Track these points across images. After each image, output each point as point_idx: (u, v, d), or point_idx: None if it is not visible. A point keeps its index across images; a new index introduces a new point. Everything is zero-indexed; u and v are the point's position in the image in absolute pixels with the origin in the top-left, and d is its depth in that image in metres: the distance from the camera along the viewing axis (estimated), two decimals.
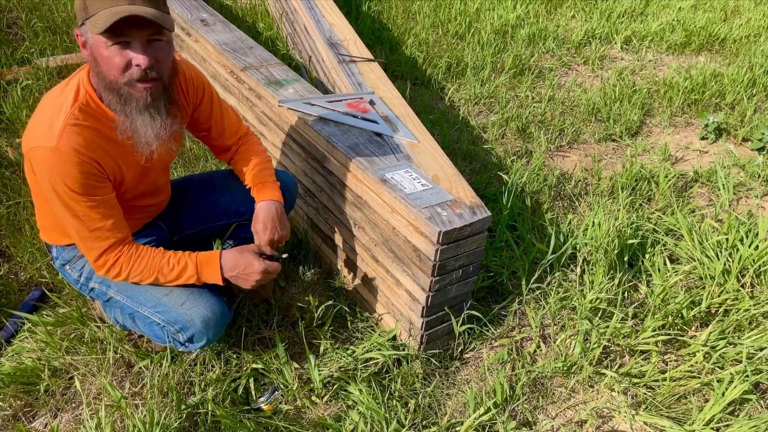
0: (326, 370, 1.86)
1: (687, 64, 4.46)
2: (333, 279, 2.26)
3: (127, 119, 1.51)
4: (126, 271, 1.63)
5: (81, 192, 1.50)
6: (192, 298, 1.68)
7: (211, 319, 1.67)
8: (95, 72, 1.48)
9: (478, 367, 2.02)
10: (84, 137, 1.49)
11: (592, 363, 1.96)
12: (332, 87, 2.84)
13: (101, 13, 1.37)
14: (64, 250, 1.79)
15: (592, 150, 3.34)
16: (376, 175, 1.90)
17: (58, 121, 1.47)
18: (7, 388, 1.76)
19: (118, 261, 1.61)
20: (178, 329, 1.69)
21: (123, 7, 1.37)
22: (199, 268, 1.66)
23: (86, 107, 1.51)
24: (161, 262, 1.64)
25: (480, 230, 1.81)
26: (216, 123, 1.89)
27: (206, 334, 1.69)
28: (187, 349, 1.75)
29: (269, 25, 4.25)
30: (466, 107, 3.63)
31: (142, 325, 1.79)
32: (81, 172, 1.48)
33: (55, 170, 1.46)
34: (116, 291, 1.75)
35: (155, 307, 1.70)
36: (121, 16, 1.35)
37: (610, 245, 2.32)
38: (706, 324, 2.18)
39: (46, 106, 1.52)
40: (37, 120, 1.50)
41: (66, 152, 1.45)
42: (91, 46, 1.44)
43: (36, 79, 3.24)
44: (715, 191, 3.02)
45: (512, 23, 4.76)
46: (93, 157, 1.51)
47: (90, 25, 1.40)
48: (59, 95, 1.53)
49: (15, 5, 4.22)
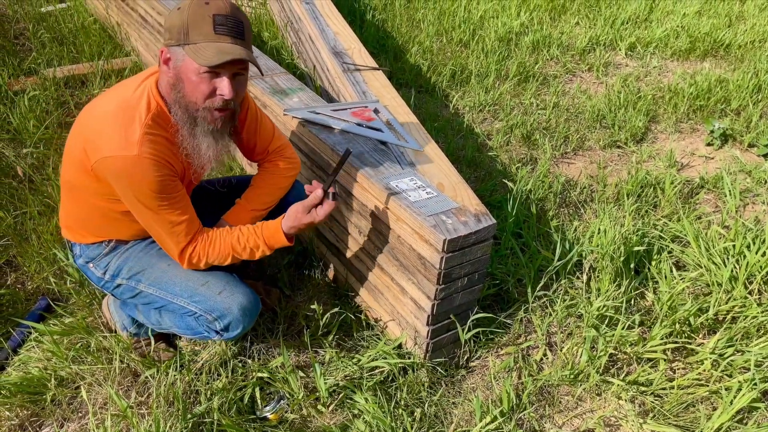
0: (332, 379, 1.86)
1: (692, 70, 4.46)
2: (338, 287, 2.26)
3: (192, 138, 1.62)
4: (205, 256, 1.70)
5: (163, 192, 1.58)
6: (229, 287, 1.73)
7: (248, 306, 1.72)
8: (176, 90, 1.56)
9: (484, 375, 2.01)
10: (158, 143, 1.57)
11: (599, 371, 1.95)
12: (337, 95, 2.85)
13: (205, 46, 1.49)
14: (88, 248, 1.81)
15: (597, 157, 3.33)
16: (381, 184, 1.90)
17: (134, 131, 1.53)
18: (14, 398, 1.77)
19: (195, 249, 1.69)
20: (215, 317, 1.72)
21: (228, 45, 1.50)
22: (265, 233, 1.73)
23: (158, 118, 1.59)
24: (232, 241, 1.71)
25: (485, 238, 1.80)
26: (249, 136, 1.93)
27: (242, 322, 1.72)
28: (222, 337, 1.77)
29: (274, 34, 4.27)
30: (470, 114, 3.64)
31: (171, 319, 1.81)
32: (161, 174, 1.56)
33: (138, 176, 1.53)
34: (148, 284, 1.77)
35: (191, 297, 1.73)
36: (228, 58, 1.48)
37: (616, 252, 2.31)
38: (714, 331, 2.17)
39: (113, 114, 1.56)
40: (105, 128, 1.54)
41: (147, 159, 1.53)
42: (179, 67, 1.53)
43: (43, 90, 3.27)
44: (721, 197, 3.01)
45: (516, 31, 4.77)
46: (167, 158, 1.59)
47: (191, 52, 1.49)
48: (128, 101, 1.58)
49: (23, 16, 4.26)
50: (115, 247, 1.80)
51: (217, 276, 1.76)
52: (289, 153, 2.00)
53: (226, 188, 2.07)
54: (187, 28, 1.49)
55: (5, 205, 2.49)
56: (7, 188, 2.59)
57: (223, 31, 1.50)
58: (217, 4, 1.50)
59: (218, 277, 1.76)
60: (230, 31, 1.51)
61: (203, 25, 1.48)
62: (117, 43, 4.01)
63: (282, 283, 2.23)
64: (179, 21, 1.50)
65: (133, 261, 1.79)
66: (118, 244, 1.80)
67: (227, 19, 1.51)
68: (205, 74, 1.51)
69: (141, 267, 1.78)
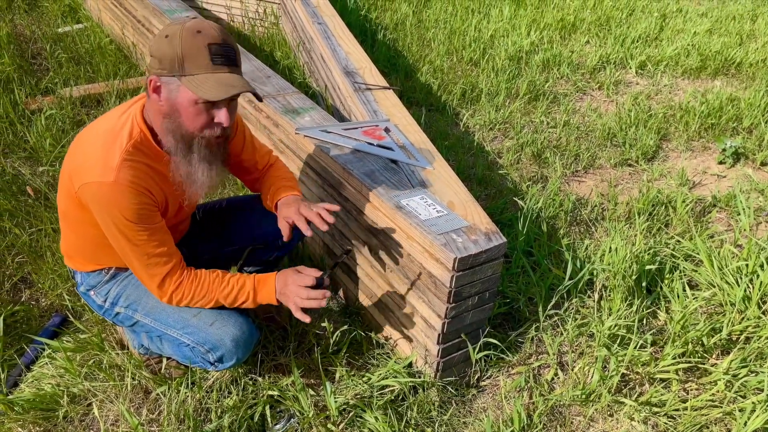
0: (342, 398, 1.86)
1: (703, 89, 4.46)
2: (348, 305, 2.26)
3: (188, 165, 1.59)
4: (189, 295, 1.67)
5: (139, 221, 1.56)
6: (221, 318, 1.71)
7: (240, 338, 1.70)
8: (170, 119, 1.54)
9: (495, 395, 2.00)
10: (138, 170, 1.55)
11: (610, 391, 1.94)
12: (348, 115, 2.87)
13: (204, 79, 1.47)
14: (89, 276, 1.81)
15: (608, 175, 3.33)
16: (392, 202, 1.91)
17: (114, 157, 1.52)
18: (26, 414, 1.78)
19: (180, 286, 1.66)
20: (207, 349, 1.71)
21: (227, 76, 1.49)
22: (257, 286, 1.69)
23: (140, 145, 1.57)
24: (221, 284, 1.68)
25: (496, 256, 1.81)
26: (249, 157, 1.95)
27: (236, 354, 1.71)
28: (216, 368, 1.76)
29: (286, 53, 4.33)
30: (481, 133, 3.65)
31: (169, 347, 1.81)
32: (138, 202, 1.54)
33: (114, 203, 1.52)
34: (143, 314, 1.77)
35: (184, 329, 1.72)
36: (235, 92, 1.47)
37: (628, 271, 2.30)
38: (727, 352, 2.15)
39: (95, 141, 1.56)
40: (87, 155, 1.54)
41: (124, 185, 1.51)
42: (173, 98, 1.50)
43: (59, 109, 3.32)
44: (734, 216, 2.99)
45: (526, 49, 4.80)
46: (146, 187, 1.57)
47: (190, 85, 1.47)
48: (110, 130, 1.57)
49: (40, 37, 4.34)
50: (114, 274, 1.80)
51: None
52: (278, 158, 2.05)
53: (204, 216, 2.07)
54: (182, 60, 1.46)
55: (21, 223, 2.53)
56: (23, 206, 2.63)
57: (219, 62, 1.49)
58: (209, 32, 1.48)
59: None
60: (226, 60, 1.50)
61: (199, 56, 1.46)
62: (132, 63, 4.07)
63: None
64: (171, 51, 1.46)
65: (131, 289, 1.79)
66: (118, 272, 1.80)
67: (222, 48, 1.49)
68: (203, 104, 1.50)
69: (137, 296, 1.78)
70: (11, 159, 3.00)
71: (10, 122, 3.24)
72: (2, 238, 2.43)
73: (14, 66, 3.76)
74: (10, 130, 3.19)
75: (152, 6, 3.88)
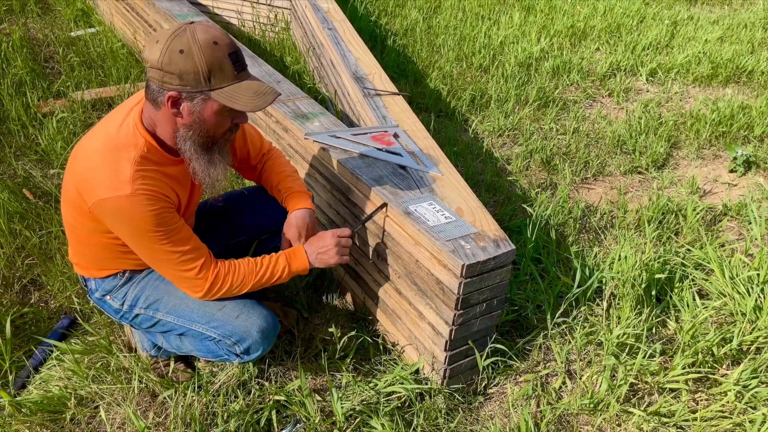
0: (348, 403, 1.85)
1: (714, 96, 4.43)
2: (356, 310, 2.26)
3: (210, 166, 1.64)
4: (228, 283, 1.71)
5: (162, 225, 1.57)
6: (246, 310, 1.74)
7: (266, 329, 1.73)
8: (191, 130, 1.57)
9: (502, 402, 1.99)
10: (151, 178, 1.57)
11: (619, 400, 1.92)
12: (357, 120, 2.88)
13: (234, 90, 1.51)
14: (104, 282, 1.81)
15: (617, 182, 3.31)
16: (400, 208, 1.91)
17: (125, 170, 1.53)
18: (34, 416, 1.79)
19: (219, 274, 1.69)
20: (234, 341, 1.73)
21: (256, 84, 1.54)
22: (290, 260, 1.78)
23: (147, 153, 1.58)
24: (256, 266, 1.74)
25: (504, 263, 1.80)
26: (240, 148, 1.97)
27: (262, 344, 1.74)
28: (243, 360, 1.78)
29: (296, 59, 4.34)
30: (490, 139, 3.65)
31: (192, 343, 1.83)
32: (158, 207, 1.56)
33: (135, 214, 1.53)
34: (165, 313, 1.78)
35: (210, 323, 1.74)
36: (271, 99, 1.55)
37: (638, 279, 2.28)
38: (738, 362, 2.13)
39: (100, 154, 1.55)
40: (95, 169, 1.54)
41: (141, 195, 1.53)
42: (198, 110, 1.53)
43: (71, 112, 3.35)
44: (745, 225, 2.96)
45: (536, 56, 4.80)
46: (161, 191, 1.59)
47: (221, 97, 1.50)
48: (113, 140, 1.57)
49: (53, 40, 4.38)
50: (130, 277, 1.81)
51: (234, 300, 1.76)
52: (276, 148, 2.09)
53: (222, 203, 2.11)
54: (209, 74, 1.47)
55: (31, 225, 2.54)
56: (33, 208, 2.64)
57: (240, 68, 1.52)
58: (223, 41, 1.49)
59: (234, 300, 1.76)
60: (243, 65, 1.54)
61: (224, 68, 1.48)
62: (143, 68, 4.10)
63: (300, 305, 2.23)
64: (193, 67, 1.45)
65: (149, 290, 1.80)
66: (133, 274, 1.81)
67: (237, 54, 1.52)
68: (227, 111, 1.55)
69: (158, 296, 1.79)
70: (23, 161, 3.03)
71: (22, 125, 3.27)
72: (12, 240, 2.45)
73: (27, 69, 3.79)
74: (22, 133, 3.22)
75: (164, 11, 3.90)
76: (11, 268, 2.35)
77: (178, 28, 1.48)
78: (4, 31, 4.50)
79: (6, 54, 3.97)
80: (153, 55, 1.47)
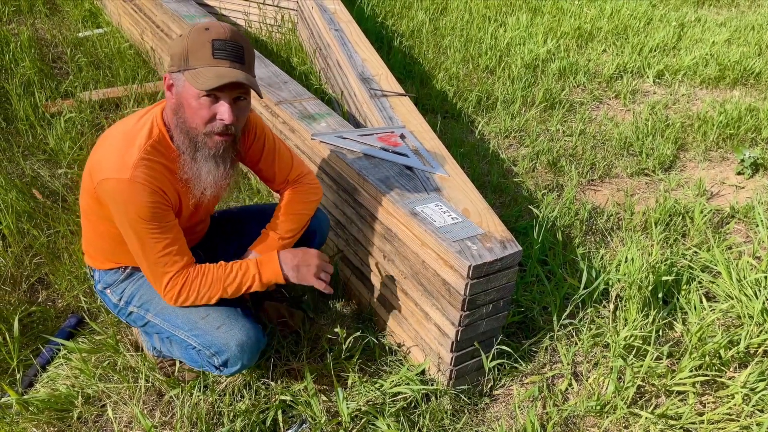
0: (354, 404, 1.85)
1: (721, 98, 4.42)
2: (362, 311, 2.26)
3: (194, 163, 1.62)
4: (195, 290, 1.67)
5: (151, 219, 1.57)
6: (228, 321, 1.70)
7: (246, 343, 1.68)
8: (177, 115, 1.58)
9: (508, 404, 1.98)
10: (154, 170, 1.58)
11: (626, 403, 1.92)
12: (364, 121, 2.88)
13: (203, 71, 1.50)
14: (106, 274, 1.83)
15: (624, 184, 3.30)
16: (407, 208, 1.91)
17: (132, 155, 1.55)
18: (41, 414, 1.79)
19: (186, 282, 1.66)
20: (213, 353, 1.69)
21: (226, 69, 1.50)
22: (260, 267, 1.71)
23: (158, 144, 1.60)
24: (225, 272, 1.69)
25: (511, 265, 1.80)
26: (266, 168, 1.93)
27: (241, 359, 1.68)
28: (221, 373, 1.75)
29: (303, 59, 4.35)
30: (496, 140, 3.64)
31: (178, 349, 1.82)
32: (152, 200, 1.56)
33: (129, 199, 1.54)
34: (154, 314, 1.78)
35: (191, 330, 1.71)
36: (225, 81, 1.48)
37: (644, 282, 2.27)
38: (745, 365, 2.12)
39: (115, 140, 1.59)
40: (107, 152, 1.58)
41: (139, 183, 1.54)
42: (180, 92, 1.55)
43: (79, 112, 3.36)
44: (752, 228, 2.95)
45: (543, 57, 4.79)
46: (160, 186, 1.59)
47: (190, 77, 1.50)
48: (131, 129, 1.61)
49: (61, 41, 4.40)
50: (130, 273, 1.82)
51: (219, 309, 1.72)
52: (309, 179, 1.98)
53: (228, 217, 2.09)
54: (187, 54, 1.50)
55: (39, 224, 2.55)
56: (41, 207, 2.66)
57: (221, 56, 1.51)
58: (217, 30, 1.51)
59: (219, 310, 1.71)
60: (229, 55, 1.51)
61: (202, 50, 1.49)
62: (151, 68, 4.12)
63: (306, 306, 2.24)
64: (180, 47, 1.52)
65: (144, 289, 1.80)
66: (134, 271, 1.82)
67: (226, 43, 1.51)
68: (205, 99, 1.52)
69: (150, 296, 1.78)
70: (31, 161, 3.04)
71: (30, 125, 3.29)
72: (20, 239, 2.46)
73: (35, 69, 3.81)
74: (30, 133, 3.23)
75: (171, 11, 3.92)
76: (19, 267, 2.37)
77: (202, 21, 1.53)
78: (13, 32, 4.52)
79: (14, 54, 3.99)
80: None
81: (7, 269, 2.33)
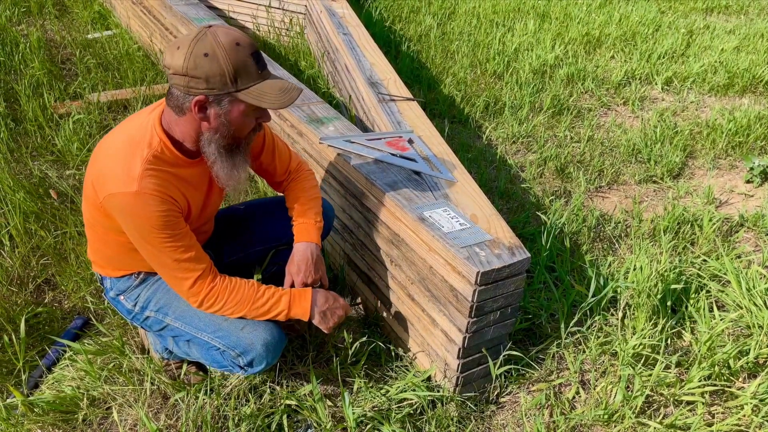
0: (360, 409, 1.84)
1: (730, 106, 4.40)
2: (368, 316, 2.25)
3: (233, 168, 1.64)
4: (222, 301, 1.67)
5: (165, 227, 1.56)
6: (252, 322, 1.72)
7: (271, 342, 1.70)
8: (217, 133, 1.57)
9: (514, 411, 1.97)
10: (160, 178, 1.56)
11: (634, 412, 1.90)
12: (372, 125, 2.87)
13: (259, 88, 1.52)
14: (119, 281, 1.82)
15: (632, 191, 3.29)
16: (414, 213, 1.90)
17: (136, 167, 1.53)
18: (46, 416, 1.79)
19: (213, 290, 1.66)
20: (238, 353, 1.71)
21: (280, 82, 1.55)
22: (291, 303, 1.73)
23: (160, 153, 1.58)
24: (255, 295, 1.70)
25: (519, 271, 1.78)
26: (268, 162, 1.96)
27: (266, 358, 1.71)
28: (246, 372, 1.76)
29: (311, 63, 4.35)
30: (503, 146, 3.63)
31: (198, 351, 1.82)
32: (163, 209, 1.55)
33: (140, 212, 1.53)
34: (173, 318, 1.78)
35: (215, 332, 1.72)
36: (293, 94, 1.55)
37: (653, 290, 2.26)
38: (755, 375, 2.10)
39: (116, 153, 1.57)
40: (109, 164, 1.56)
41: (148, 194, 1.52)
42: (225, 112, 1.54)
43: (87, 114, 3.37)
44: (762, 236, 2.93)
45: (551, 63, 4.78)
46: (169, 194, 1.58)
47: (248, 97, 1.51)
48: (129, 141, 1.58)
49: (70, 43, 4.42)
50: (144, 279, 1.81)
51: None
52: (306, 167, 2.05)
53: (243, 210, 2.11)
54: (234, 76, 1.47)
55: (46, 225, 2.56)
56: (49, 208, 2.66)
57: (262, 67, 1.53)
58: (244, 41, 1.49)
59: None
60: (264, 64, 1.54)
61: (248, 68, 1.49)
62: (159, 70, 4.13)
63: None
64: (218, 69, 1.45)
65: (160, 293, 1.80)
66: (148, 276, 1.81)
67: (258, 53, 1.52)
68: (252, 111, 1.56)
69: (167, 300, 1.78)
70: (39, 162, 3.05)
71: (38, 125, 3.30)
72: (28, 239, 2.46)
73: (44, 70, 3.82)
74: (38, 134, 3.24)
75: (180, 14, 3.93)
76: (26, 268, 2.37)
77: (198, 33, 1.48)
78: (22, 33, 4.54)
79: (24, 55, 4.01)
80: (176, 61, 1.46)
81: (14, 270, 2.33)
